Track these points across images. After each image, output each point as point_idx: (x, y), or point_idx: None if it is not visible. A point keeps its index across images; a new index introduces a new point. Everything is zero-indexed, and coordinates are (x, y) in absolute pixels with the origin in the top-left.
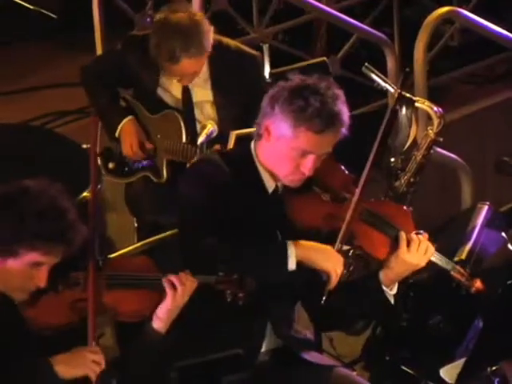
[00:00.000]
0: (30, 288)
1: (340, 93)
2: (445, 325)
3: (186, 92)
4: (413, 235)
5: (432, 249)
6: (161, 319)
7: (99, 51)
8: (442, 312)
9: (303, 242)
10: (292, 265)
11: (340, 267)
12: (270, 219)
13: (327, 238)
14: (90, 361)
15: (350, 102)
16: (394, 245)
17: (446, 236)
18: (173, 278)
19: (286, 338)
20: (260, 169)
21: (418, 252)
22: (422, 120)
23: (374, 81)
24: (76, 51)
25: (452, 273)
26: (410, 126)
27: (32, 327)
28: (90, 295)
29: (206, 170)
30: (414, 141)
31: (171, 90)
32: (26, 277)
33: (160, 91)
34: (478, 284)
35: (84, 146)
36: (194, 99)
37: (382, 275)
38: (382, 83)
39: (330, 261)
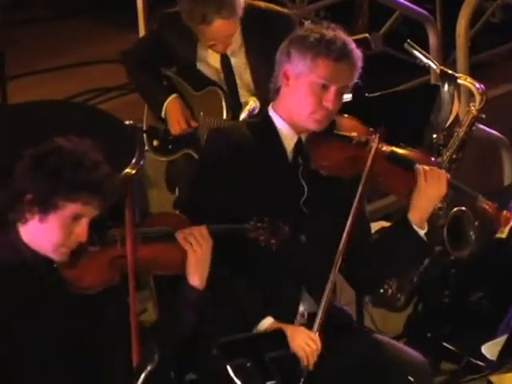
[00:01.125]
0: (71, 244)
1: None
2: (486, 301)
3: (225, 59)
4: (424, 166)
5: (444, 173)
6: (191, 274)
7: (142, 30)
8: (483, 289)
9: (299, 328)
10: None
11: (310, 346)
12: (289, 178)
13: (350, 184)
14: None
15: (392, 79)
16: (414, 180)
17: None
18: (183, 232)
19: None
20: (279, 127)
21: (433, 180)
22: (464, 97)
23: (416, 57)
24: (118, 28)
25: (478, 203)
26: (452, 103)
27: (72, 288)
28: (128, 250)
29: (221, 139)
30: (456, 117)
31: (210, 61)
32: (67, 232)
33: (199, 65)
34: (506, 214)
35: (127, 122)
36: (233, 64)
37: (411, 216)
38: (424, 60)
39: (295, 342)
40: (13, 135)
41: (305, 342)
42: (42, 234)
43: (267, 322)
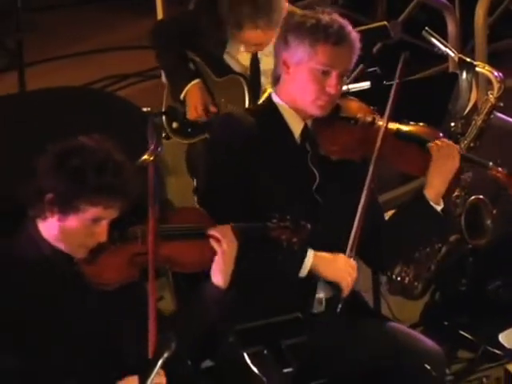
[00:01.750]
0: (90, 244)
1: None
2: (504, 290)
3: (255, 60)
4: (436, 142)
5: (454, 147)
6: (216, 273)
7: (160, 16)
8: (501, 277)
9: (319, 254)
10: (303, 273)
11: (351, 274)
12: (300, 164)
13: (360, 167)
14: None
15: (410, 67)
16: (428, 156)
17: (504, 203)
18: (213, 231)
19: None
20: (284, 113)
21: (448, 155)
22: (482, 85)
23: (434, 45)
24: (136, 14)
25: (489, 171)
26: (471, 91)
27: (92, 284)
28: (150, 247)
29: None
30: (475, 105)
31: (238, 56)
32: (86, 233)
33: (227, 57)
34: None
35: (144, 109)
36: (262, 67)
37: (426, 192)
38: (443, 47)
39: (339, 272)
40: (31, 122)
41: (347, 272)
42: (60, 232)
43: (310, 257)
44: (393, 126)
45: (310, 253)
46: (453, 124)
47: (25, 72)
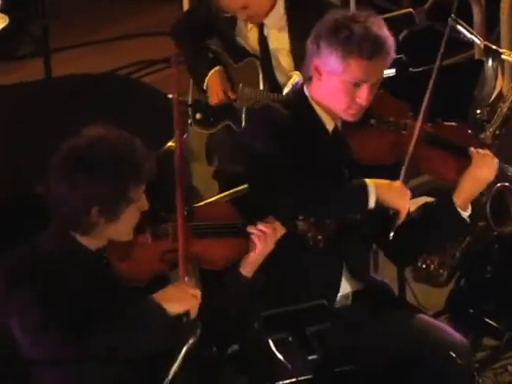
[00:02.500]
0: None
1: (381, 20)
2: None
3: (263, 39)
4: (478, 149)
5: (496, 159)
6: (247, 265)
7: (185, 1)
8: None
9: (377, 180)
10: (372, 203)
11: (409, 203)
12: (334, 159)
13: (392, 170)
14: (189, 295)
15: (435, 54)
16: (463, 163)
17: None
18: (261, 225)
19: (364, 279)
20: (317, 110)
21: (485, 165)
22: (507, 72)
23: (460, 32)
24: (161, 1)
25: None
26: (496, 78)
27: (122, 280)
28: (181, 244)
29: (268, 117)
30: (500, 93)
31: (248, 37)
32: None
33: (239, 39)
34: None
35: (170, 96)
36: (271, 46)
37: (455, 198)
38: (468, 35)
39: (403, 198)
40: (57, 108)
41: (406, 200)
42: (107, 238)
43: (371, 186)
44: (426, 129)
45: (369, 181)
46: (478, 111)
47: (50, 58)
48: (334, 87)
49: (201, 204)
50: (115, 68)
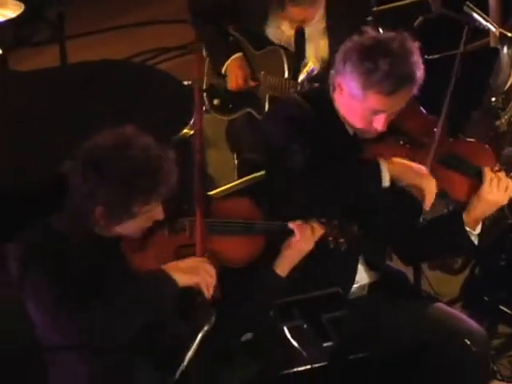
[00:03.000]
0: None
1: (414, 47)
2: None
3: (300, 30)
4: (493, 173)
5: (509, 181)
6: (285, 264)
7: None
8: None
9: (396, 158)
10: (386, 181)
11: (434, 187)
12: (353, 159)
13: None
14: (203, 270)
15: (451, 41)
16: (475, 184)
17: None
18: (304, 225)
19: (380, 269)
20: (340, 113)
21: (499, 190)
22: None
23: (475, 20)
24: None
25: None
26: (511, 66)
27: (137, 273)
28: (198, 238)
29: (291, 112)
30: None
31: (282, 27)
32: (144, 225)
33: (269, 30)
34: None
35: (185, 83)
36: (307, 33)
37: (465, 217)
38: (484, 22)
39: (425, 177)
40: (72, 94)
41: (427, 179)
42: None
43: (383, 165)
44: (443, 148)
45: (381, 161)
46: (493, 99)
47: (66, 45)
48: (353, 109)
49: (217, 191)
50: (131, 55)
